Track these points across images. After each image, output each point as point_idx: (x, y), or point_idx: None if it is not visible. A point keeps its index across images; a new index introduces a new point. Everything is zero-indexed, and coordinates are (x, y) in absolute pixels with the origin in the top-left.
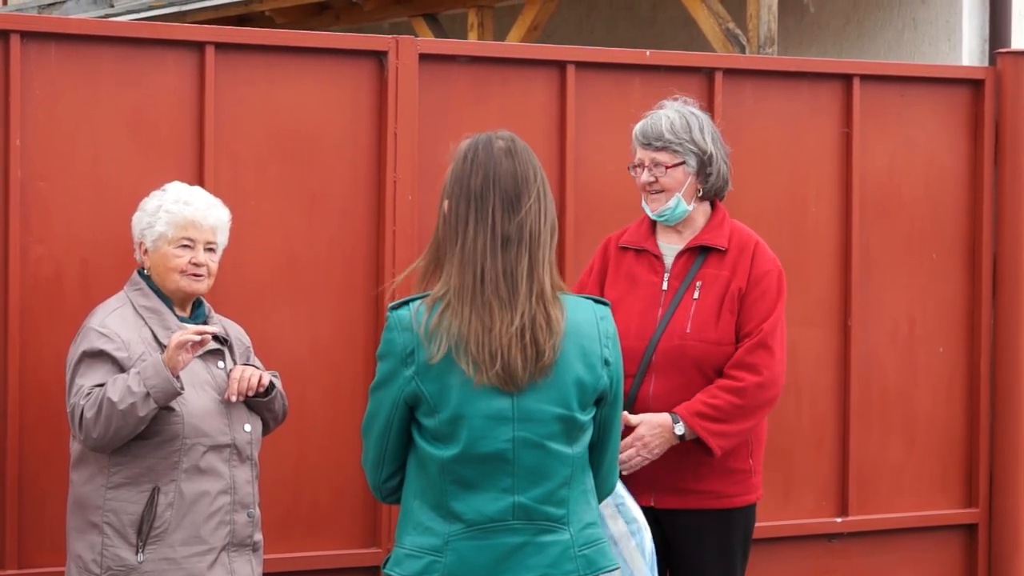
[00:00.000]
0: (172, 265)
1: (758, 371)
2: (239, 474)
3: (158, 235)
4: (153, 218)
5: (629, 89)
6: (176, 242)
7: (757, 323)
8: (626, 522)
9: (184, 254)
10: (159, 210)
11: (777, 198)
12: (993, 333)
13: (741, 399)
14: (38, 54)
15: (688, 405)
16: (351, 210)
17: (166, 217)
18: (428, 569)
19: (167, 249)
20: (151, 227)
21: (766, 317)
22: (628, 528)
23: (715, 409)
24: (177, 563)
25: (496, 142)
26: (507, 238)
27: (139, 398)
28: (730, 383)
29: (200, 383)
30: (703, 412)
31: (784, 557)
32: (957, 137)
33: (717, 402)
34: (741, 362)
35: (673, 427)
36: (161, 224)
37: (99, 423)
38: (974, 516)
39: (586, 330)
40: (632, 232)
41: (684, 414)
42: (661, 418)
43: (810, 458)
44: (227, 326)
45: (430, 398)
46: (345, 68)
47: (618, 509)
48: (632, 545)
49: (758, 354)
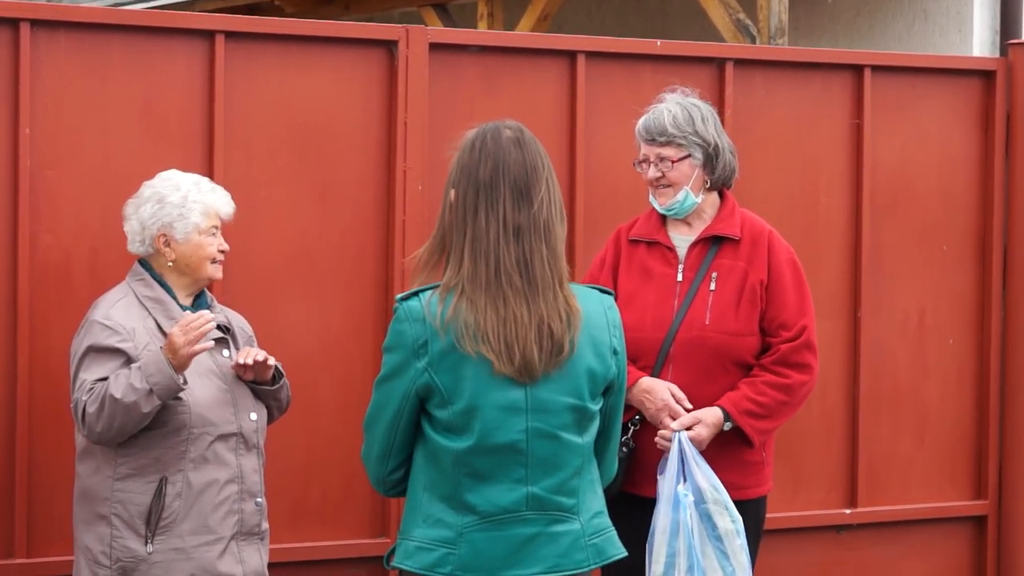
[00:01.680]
0: (206, 254)
1: (807, 370)
2: (246, 463)
3: (192, 226)
4: (183, 209)
5: (639, 79)
6: (208, 231)
7: (793, 316)
8: (732, 520)
9: (214, 242)
10: (186, 200)
11: (788, 189)
12: (1003, 325)
13: (788, 396)
14: (47, 42)
15: (737, 403)
16: (361, 200)
17: (198, 207)
18: (442, 561)
19: (200, 239)
20: (183, 218)
21: (802, 310)
22: (735, 527)
23: (762, 407)
24: (187, 553)
25: (504, 132)
26: (518, 228)
27: (141, 395)
28: (778, 380)
29: (205, 372)
30: (752, 411)
31: (793, 549)
32: (968, 128)
33: (764, 399)
34: (788, 360)
35: (723, 424)
36: (196, 215)
37: (102, 419)
38: (983, 508)
39: (596, 320)
40: (642, 224)
41: (734, 413)
42: (716, 418)
43: (819, 450)
44: (229, 316)
45: (444, 390)
46: (355, 58)
47: (725, 506)
48: (738, 544)
49: (803, 354)
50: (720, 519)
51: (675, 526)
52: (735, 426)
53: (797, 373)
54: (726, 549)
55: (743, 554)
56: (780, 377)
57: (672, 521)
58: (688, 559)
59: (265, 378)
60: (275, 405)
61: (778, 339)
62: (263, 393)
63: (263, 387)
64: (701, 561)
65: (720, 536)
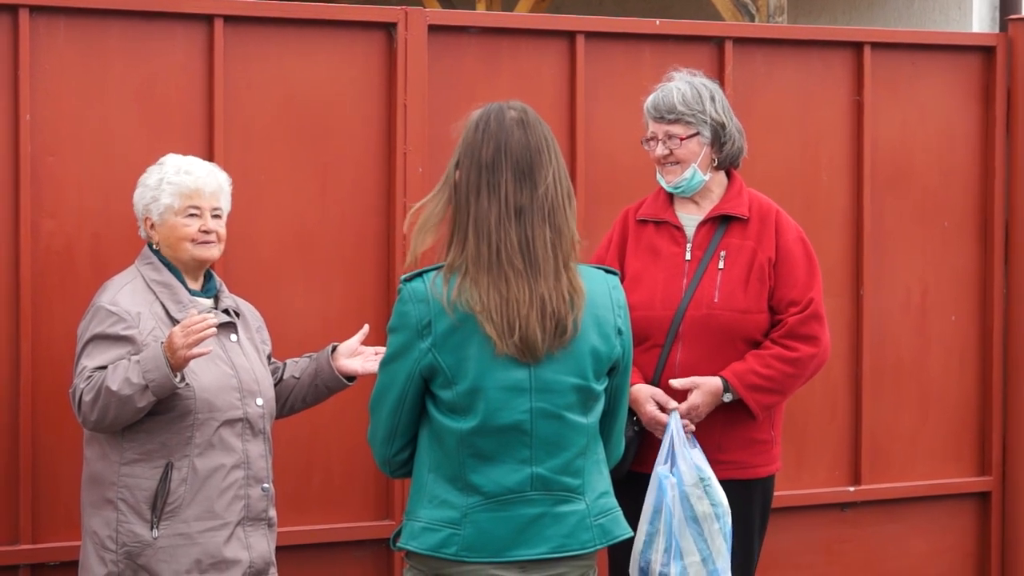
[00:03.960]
0: (182, 235)
1: (815, 342)
2: (252, 448)
3: (164, 207)
4: (156, 191)
5: (639, 59)
6: (183, 212)
7: (802, 291)
8: (711, 504)
9: (192, 223)
10: (161, 183)
11: (789, 167)
12: (1005, 301)
13: (795, 369)
14: (47, 28)
15: (741, 375)
16: (361, 182)
17: (169, 189)
18: (447, 542)
19: (175, 220)
20: (156, 200)
21: (810, 285)
22: (713, 510)
23: (768, 380)
24: (192, 538)
25: (508, 112)
26: (520, 209)
27: (137, 390)
28: (786, 353)
29: (212, 357)
30: (757, 385)
31: (797, 526)
32: (969, 104)
33: (771, 372)
34: (795, 332)
35: (723, 396)
36: (166, 196)
37: (96, 408)
38: (987, 484)
39: (600, 300)
40: (649, 204)
41: (738, 385)
42: (713, 385)
43: (823, 428)
44: (239, 303)
45: (448, 370)
46: (354, 40)
47: (705, 490)
48: (715, 527)
49: (811, 325)
50: (698, 503)
51: (657, 505)
52: (737, 398)
53: (805, 346)
54: (704, 532)
55: (720, 537)
56: (788, 351)
57: (655, 501)
58: (666, 539)
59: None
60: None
61: (787, 315)
62: (333, 388)
63: (336, 386)
64: (679, 542)
65: (698, 519)
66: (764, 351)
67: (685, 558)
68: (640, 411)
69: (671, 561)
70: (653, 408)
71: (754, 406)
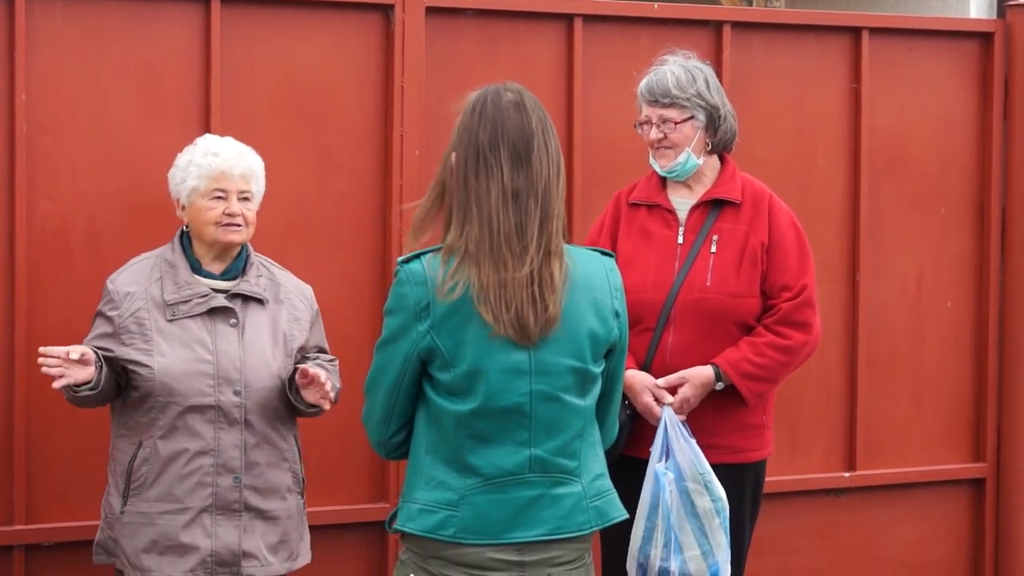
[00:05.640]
0: (207, 218)
1: (808, 329)
2: (226, 437)
3: (190, 189)
4: (184, 173)
5: (637, 42)
6: (209, 194)
7: (795, 276)
8: (712, 500)
9: (217, 205)
10: (189, 164)
11: (786, 153)
12: (1001, 288)
13: (788, 356)
14: (43, 9)
15: (735, 363)
16: (358, 165)
17: (196, 171)
18: (444, 524)
19: (201, 202)
20: (183, 182)
21: (804, 271)
22: (714, 506)
23: (761, 368)
24: (151, 518)
25: (505, 95)
26: (516, 191)
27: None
28: (779, 340)
29: (191, 341)
30: (750, 372)
31: (791, 512)
32: (966, 91)
33: (763, 360)
34: (789, 319)
35: (715, 384)
36: (192, 178)
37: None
38: (981, 471)
39: (597, 283)
40: (642, 187)
41: (731, 373)
42: (704, 376)
43: (818, 413)
44: (287, 281)
45: (446, 352)
46: (351, 22)
47: (705, 486)
48: (716, 523)
49: (805, 312)
50: (699, 498)
51: (655, 501)
52: (729, 383)
53: (798, 333)
54: (704, 527)
55: (721, 533)
56: (781, 338)
57: (652, 496)
58: (665, 535)
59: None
60: (311, 413)
61: (780, 300)
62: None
63: (301, 407)
64: (679, 537)
65: (699, 514)
66: (758, 339)
67: (685, 552)
68: (635, 400)
69: (671, 556)
70: (649, 399)
71: (747, 393)
